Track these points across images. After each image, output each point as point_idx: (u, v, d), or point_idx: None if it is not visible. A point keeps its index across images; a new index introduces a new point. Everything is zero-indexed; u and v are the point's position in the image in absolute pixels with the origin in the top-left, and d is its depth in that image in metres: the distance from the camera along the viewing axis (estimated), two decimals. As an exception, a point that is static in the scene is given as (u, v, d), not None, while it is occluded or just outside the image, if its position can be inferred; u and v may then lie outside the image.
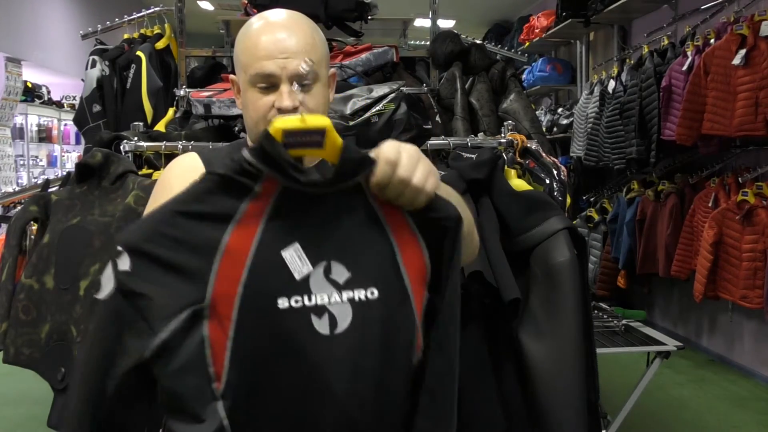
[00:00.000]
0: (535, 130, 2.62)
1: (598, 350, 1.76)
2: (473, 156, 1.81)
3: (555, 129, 6.19)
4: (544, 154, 2.00)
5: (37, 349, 1.60)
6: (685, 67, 3.98)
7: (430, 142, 1.91)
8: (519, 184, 1.75)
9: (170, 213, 0.83)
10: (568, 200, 2.02)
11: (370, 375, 0.87)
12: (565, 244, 1.53)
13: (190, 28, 3.14)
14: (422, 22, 4.68)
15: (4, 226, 2.12)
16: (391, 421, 0.91)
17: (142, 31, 3.65)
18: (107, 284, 0.82)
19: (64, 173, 2.57)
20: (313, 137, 0.85)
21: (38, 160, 8.30)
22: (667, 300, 5.01)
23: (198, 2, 7.96)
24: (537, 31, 6.55)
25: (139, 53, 3.39)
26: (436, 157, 1.96)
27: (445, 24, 7.50)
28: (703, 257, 3.88)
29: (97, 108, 3.44)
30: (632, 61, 4.95)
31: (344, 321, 0.85)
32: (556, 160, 2.07)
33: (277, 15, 1.22)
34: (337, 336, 0.85)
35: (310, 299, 0.84)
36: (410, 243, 0.89)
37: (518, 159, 1.93)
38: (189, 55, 3.15)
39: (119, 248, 0.82)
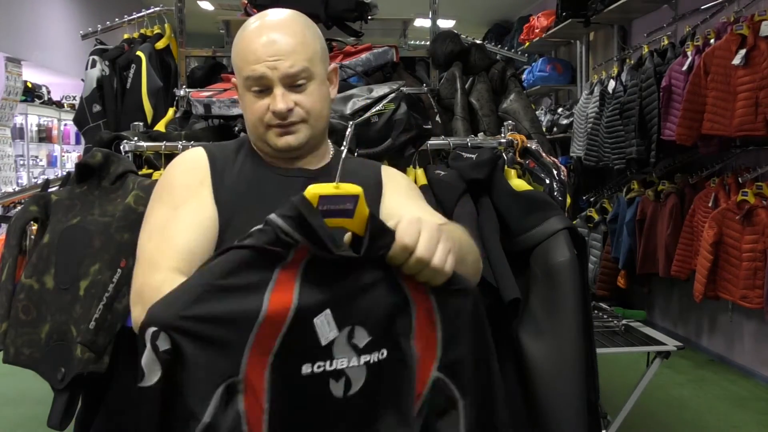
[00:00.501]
0: (535, 130, 2.62)
1: (598, 350, 1.76)
2: (473, 156, 1.81)
3: (555, 129, 6.19)
4: (544, 154, 2.00)
5: (37, 349, 1.60)
6: (685, 67, 3.98)
7: (430, 142, 1.91)
8: (519, 184, 1.75)
9: (203, 288, 0.81)
10: (568, 200, 2.02)
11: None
12: (565, 244, 1.53)
13: (190, 28, 3.14)
14: (422, 22, 4.68)
15: (4, 226, 2.12)
16: None
17: (142, 31, 3.65)
18: (152, 369, 0.78)
19: (64, 173, 2.57)
20: (345, 205, 0.85)
21: (38, 160, 8.30)
22: (667, 300, 5.01)
23: (198, 2, 7.96)
24: (537, 31, 6.55)
25: (139, 53, 3.39)
26: (436, 157, 1.96)
27: (445, 24, 7.50)
28: (703, 257, 3.89)
29: (97, 108, 3.44)
30: (632, 61, 4.95)
31: (358, 383, 0.86)
32: (556, 160, 2.07)
33: (270, 16, 1.22)
34: (349, 398, 0.86)
35: (331, 364, 0.85)
36: (427, 317, 0.90)
37: (518, 159, 1.93)
38: (189, 55, 3.15)
39: (154, 328, 0.79)
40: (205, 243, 1.13)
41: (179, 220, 1.14)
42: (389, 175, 1.32)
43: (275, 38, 1.17)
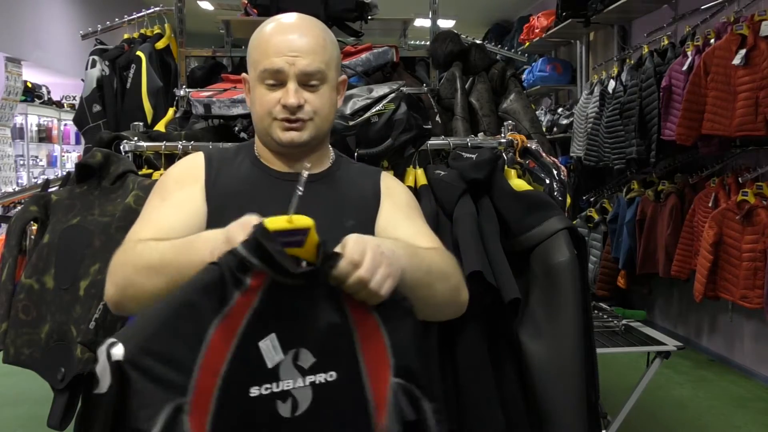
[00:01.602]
0: (535, 130, 2.62)
1: (598, 350, 1.76)
2: (473, 156, 1.80)
3: (555, 129, 6.19)
4: (544, 154, 2.00)
5: (37, 349, 1.60)
6: (685, 67, 3.98)
7: (430, 142, 1.91)
8: (519, 184, 1.75)
9: (180, 302, 0.86)
10: (568, 200, 2.02)
11: None
12: (565, 244, 1.53)
13: (190, 28, 3.14)
14: (422, 22, 4.68)
15: (4, 226, 2.12)
16: None
17: (142, 31, 3.65)
18: (104, 377, 0.83)
19: (64, 173, 2.56)
20: (296, 237, 0.89)
21: (38, 160, 8.30)
22: (667, 300, 5.01)
23: (198, 2, 7.97)
24: (537, 31, 6.55)
25: (139, 53, 3.39)
26: (436, 157, 1.96)
27: (445, 24, 7.50)
28: (703, 257, 3.88)
29: (97, 108, 3.44)
30: (632, 61, 4.94)
31: (304, 403, 0.89)
32: (556, 160, 2.07)
33: (290, 17, 1.26)
34: (297, 418, 0.89)
35: (278, 386, 0.88)
36: (371, 329, 0.94)
37: (518, 159, 1.93)
38: (189, 55, 3.15)
39: (113, 339, 0.83)
40: (186, 226, 1.15)
41: (165, 206, 1.20)
42: (389, 187, 1.33)
43: (297, 36, 1.21)
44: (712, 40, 3.86)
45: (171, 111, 2.87)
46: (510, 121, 2.27)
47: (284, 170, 1.28)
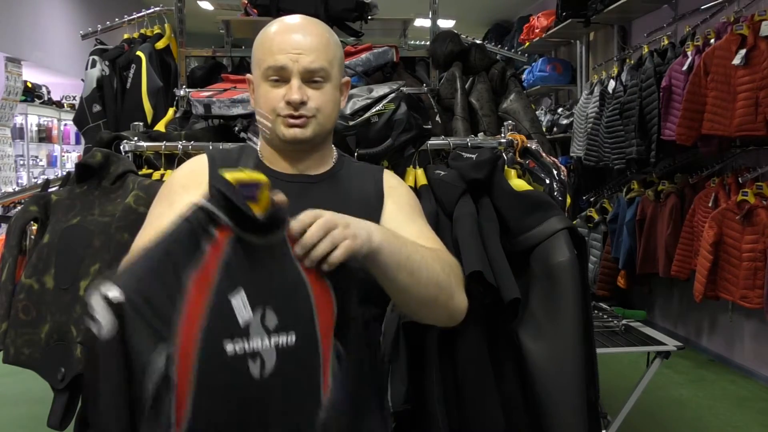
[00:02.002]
0: (535, 130, 2.62)
1: (598, 350, 1.76)
2: (473, 156, 1.80)
3: (555, 129, 6.19)
4: (544, 154, 2.00)
5: (37, 349, 1.60)
6: (685, 67, 3.98)
7: (430, 142, 1.91)
8: (519, 184, 1.75)
9: (152, 253, 0.89)
10: (568, 200, 2.02)
11: (288, 414, 0.93)
12: (565, 244, 1.53)
13: (190, 28, 3.14)
14: (422, 22, 4.68)
15: (4, 226, 2.12)
16: None
17: (142, 31, 3.65)
18: (106, 322, 0.84)
19: (64, 173, 2.56)
20: (251, 191, 0.92)
21: (38, 160, 8.30)
22: (667, 300, 5.01)
23: (198, 2, 7.97)
24: (537, 31, 6.55)
25: (139, 53, 3.39)
26: (436, 157, 1.96)
27: (445, 24, 7.50)
28: (703, 257, 3.89)
29: (97, 108, 3.44)
30: (632, 61, 4.95)
31: (270, 364, 0.92)
32: (556, 160, 2.07)
33: (294, 18, 1.28)
34: (264, 380, 0.91)
35: (249, 344, 0.90)
36: (324, 293, 0.97)
37: (518, 159, 1.93)
38: (189, 55, 3.15)
39: (109, 282, 0.85)
40: None
41: (172, 211, 1.18)
42: (392, 186, 1.34)
43: (301, 35, 1.24)
44: (712, 40, 3.86)
45: (171, 111, 2.87)
46: (510, 121, 2.27)
47: (288, 171, 1.29)
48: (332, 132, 1.33)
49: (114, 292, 0.83)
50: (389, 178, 1.36)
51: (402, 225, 1.25)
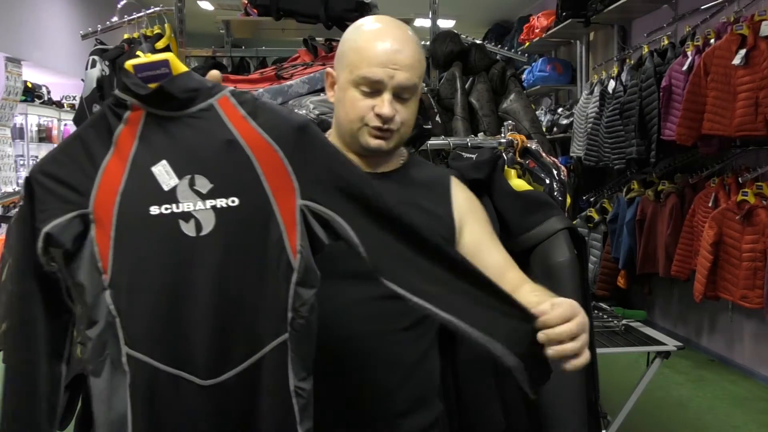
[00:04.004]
0: (535, 130, 2.62)
1: (598, 350, 1.77)
2: (473, 156, 1.80)
3: (555, 129, 6.19)
4: (544, 154, 2.00)
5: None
6: (685, 67, 3.98)
7: (430, 142, 1.91)
8: (519, 184, 1.75)
9: (73, 137, 1.01)
10: (568, 200, 2.02)
11: (234, 271, 0.98)
12: (565, 244, 1.53)
13: (190, 28, 3.13)
14: (422, 22, 4.68)
15: (4, 226, 2.12)
16: (262, 314, 0.99)
17: (142, 31, 3.65)
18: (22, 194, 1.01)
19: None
20: (160, 70, 0.98)
21: (38, 160, 8.30)
22: (667, 300, 5.02)
23: (198, 2, 7.97)
24: (537, 31, 6.55)
25: (139, 53, 3.39)
26: (436, 157, 1.96)
27: (445, 24, 7.51)
28: (703, 257, 3.89)
29: (97, 108, 3.44)
30: (632, 61, 4.95)
31: (208, 225, 0.98)
32: (556, 160, 2.07)
33: (392, 26, 1.28)
34: (202, 237, 0.97)
35: (177, 207, 0.97)
36: (268, 154, 0.99)
37: (518, 159, 1.93)
38: (189, 55, 3.14)
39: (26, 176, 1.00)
40: None
41: None
42: (467, 199, 1.34)
43: (400, 48, 1.24)
44: (712, 40, 3.87)
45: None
46: (510, 121, 2.27)
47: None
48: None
49: (26, 172, 0.96)
50: (457, 187, 1.36)
51: (486, 249, 1.28)
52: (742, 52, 3.57)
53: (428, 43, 2.93)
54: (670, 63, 4.21)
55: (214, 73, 1.04)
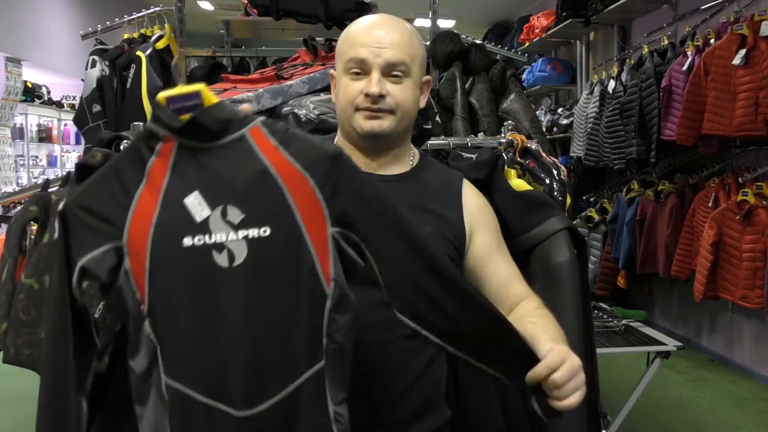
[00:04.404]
0: (535, 130, 2.62)
1: (598, 350, 1.76)
2: (473, 156, 1.80)
3: (555, 129, 6.19)
4: (544, 154, 2.00)
5: (37, 349, 1.60)
6: (685, 67, 3.98)
7: (430, 142, 1.91)
8: (519, 184, 1.74)
9: (107, 168, 1.01)
10: (568, 200, 2.02)
11: (267, 301, 0.98)
12: (565, 244, 1.53)
13: (190, 28, 3.13)
14: (422, 22, 4.68)
15: (4, 226, 2.12)
16: (297, 343, 0.99)
17: (142, 31, 3.65)
18: (57, 226, 0.99)
19: (64, 173, 2.56)
20: (192, 101, 0.98)
21: (38, 160, 8.30)
22: (667, 300, 5.02)
23: (198, 2, 7.96)
24: (537, 31, 6.55)
25: (139, 53, 3.39)
26: (436, 157, 1.96)
27: (445, 24, 7.51)
28: (703, 257, 3.89)
29: (97, 108, 3.44)
30: (632, 61, 4.95)
31: (241, 255, 0.98)
32: (556, 160, 2.07)
33: (384, 15, 1.31)
34: (235, 268, 0.97)
35: (210, 238, 0.97)
36: (299, 183, 0.99)
37: (518, 159, 1.93)
38: (189, 55, 3.14)
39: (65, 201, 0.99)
40: None
41: None
42: (479, 206, 1.35)
43: (384, 31, 1.26)
44: (712, 40, 3.87)
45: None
46: (510, 121, 2.27)
47: (369, 171, 1.28)
48: (410, 131, 1.34)
49: (60, 205, 0.99)
50: (469, 191, 1.36)
51: (494, 258, 1.29)
52: (742, 52, 3.57)
53: (428, 43, 2.93)
54: (670, 63, 4.21)
55: (246, 107, 1.05)
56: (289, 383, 0.98)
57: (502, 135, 2.03)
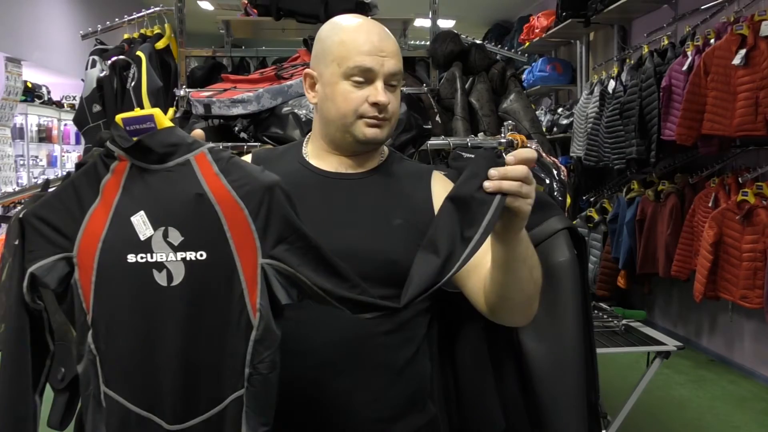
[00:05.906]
0: (535, 130, 2.62)
1: (598, 350, 1.76)
2: (473, 156, 1.80)
3: (555, 129, 6.19)
4: (544, 154, 2.00)
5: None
6: (685, 67, 3.98)
7: (430, 142, 1.92)
8: (519, 184, 1.74)
9: (67, 183, 1.06)
10: (568, 200, 2.02)
11: (199, 324, 1.03)
12: (565, 244, 1.53)
13: (190, 28, 3.13)
14: (422, 22, 4.68)
15: (4, 226, 2.12)
16: (223, 368, 1.03)
17: (142, 31, 3.64)
18: (14, 233, 1.06)
19: (64, 173, 2.56)
20: (146, 124, 1.04)
21: (38, 160, 8.30)
22: (667, 300, 5.02)
23: (198, 2, 7.96)
24: (537, 31, 6.55)
25: (139, 53, 3.39)
26: (436, 157, 1.96)
27: (445, 24, 7.51)
28: (703, 257, 3.89)
29: (97, 108, 3.43)
30: (632, 61, 4.95)
31: (179, 276, 1.03)
32: (556, 160, 2.07)
33: (366, 19, 1.30)
34: (172, 287, 1.02)
35: (152, 257, 1.03)
36: (235, 212, 1.03)
37: (518, 159, 1.93)
38: (189, 55, 3.14)
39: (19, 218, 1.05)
40: None
41: None
42: (442, 189, 1.32)
43: (384, 38, 1.26)
44: (712, 40, 3.87)
45: (171, 111, 2.87)
46: (510, 121, 2.28)
47: (331, 170, 1.30)
48: None
49: (21, 213, 1.06)
50: (438, 181, 1.35)
51: None
52: (742, 52, 3.57)
53: (428, 43, 2.93)
54: (670, 63, 4.21)
55: (198, 133, 1.09)
56: (215, 404, 1.03)
57: (502, 135, 2.03)
